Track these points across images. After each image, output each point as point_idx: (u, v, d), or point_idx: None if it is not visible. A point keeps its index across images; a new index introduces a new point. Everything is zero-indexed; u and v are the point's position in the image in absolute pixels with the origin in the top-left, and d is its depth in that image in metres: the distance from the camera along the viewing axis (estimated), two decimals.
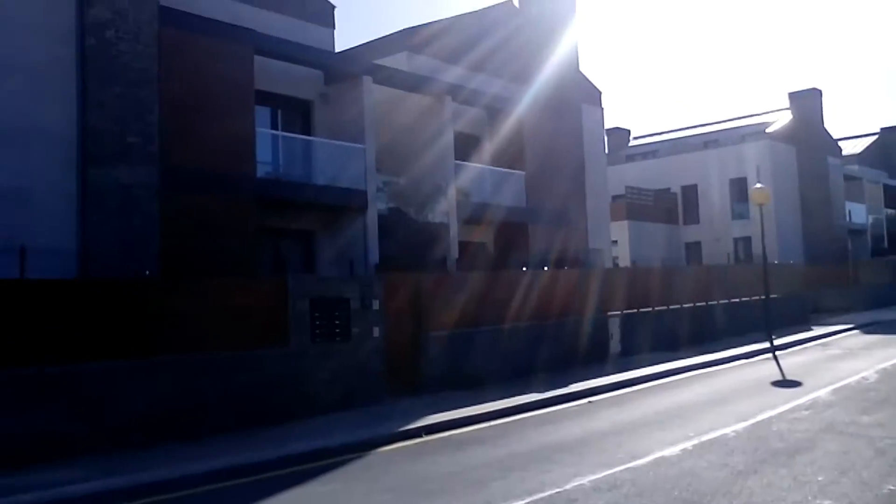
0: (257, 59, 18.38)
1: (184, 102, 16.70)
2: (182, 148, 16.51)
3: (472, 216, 23.42)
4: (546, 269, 21.00)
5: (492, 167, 25.35)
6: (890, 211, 54.88)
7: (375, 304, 15.07)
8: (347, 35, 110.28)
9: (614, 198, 41.33)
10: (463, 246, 23.00)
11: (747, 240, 41.50)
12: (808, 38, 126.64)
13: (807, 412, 13.06)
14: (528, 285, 19.21)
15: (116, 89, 15.34)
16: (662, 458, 10.27)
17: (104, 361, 11.55)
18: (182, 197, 16.31)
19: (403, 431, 12.44)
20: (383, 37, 25.42)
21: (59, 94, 15.72)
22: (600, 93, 32.96)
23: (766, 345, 22.90)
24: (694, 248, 44.47)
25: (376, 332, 15.06)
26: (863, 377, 16.92)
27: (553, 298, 19.71)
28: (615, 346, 21.62)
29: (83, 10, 15.97)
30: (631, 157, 51.36)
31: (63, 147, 15.60)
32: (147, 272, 14.71)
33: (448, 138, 22.82)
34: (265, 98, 19.51)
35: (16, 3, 15.55)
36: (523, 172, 25.34)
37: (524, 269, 20.73)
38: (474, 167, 24.58)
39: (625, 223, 39.34)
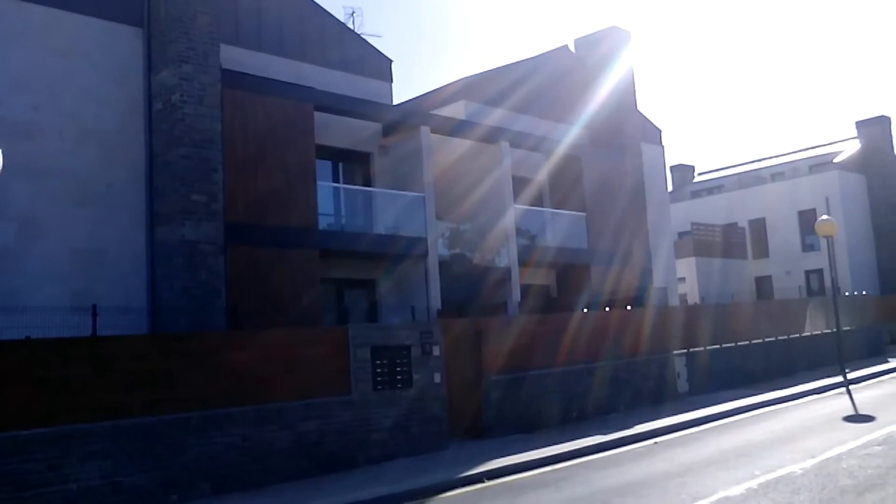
0: (317, 114, 18.93)
1: (247, 160, 17.32)
2: (246, 204, 17.11)
3: (534, 259, 23.50)
4: (608, 309, 20.93)
5: (552, 209, 25.49)
6: None
7: (436, 350, 15.24)
8: (406, 87, 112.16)
9: (680, 234, 40.98)
10: (525, 289, 23.08)
11: (819, 272, 40.64)
12: (873, 65, 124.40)
13: (879, 448, 12.76)
14: (590, 326, 19.20)
15: (182, 150, 16.00)
16: (726, 497, 10.17)
17: (175, 413, 11.94)
18: (247, 251, 16.86)
19: (465, 477, 12.52)
20: (440, 87, 25.91)
21: (128, 158, 16.61)
22: (660, 131, 32.87)
23: (839, 379, 22.38)
24: (764, 283, 43.67)
25: (437, 377, 15.21)
26: None
27: (616, 339, 19.63)
28: (682, 385, 21.38)
29: (150, 77, 16.85)
30: (696, 193, 50.88)
31: (133, 208, 16.43)
32: (214, 325, 15.23)
33: (507, 183, 23.05)
34: (326, 152, 20.06)
35: (90, 76, 16.55)
36: (584, 213, 25.40)
37: (586, 310, 20.72)
38: (534, 210, 24.76)
39: (692, 260, 38.89)
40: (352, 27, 24.90)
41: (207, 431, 12.19)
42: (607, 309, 21.08)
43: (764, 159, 53.94)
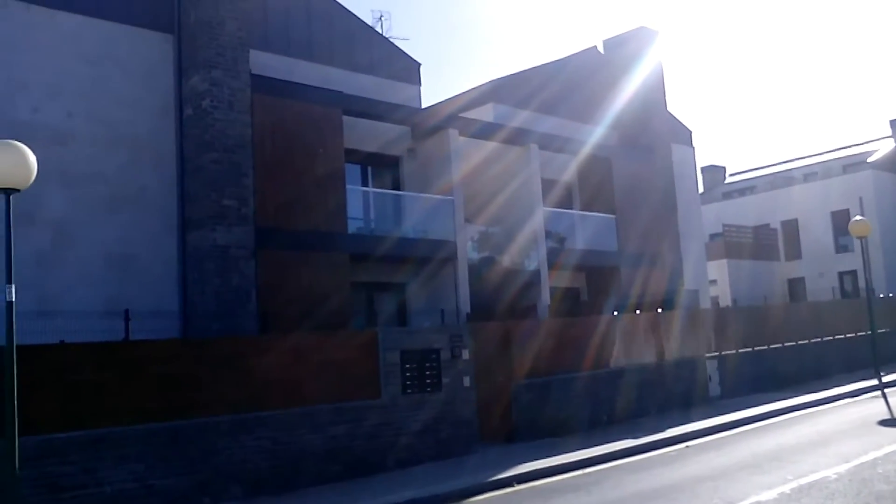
0: (346, 118, 19.00)
1: (277, 164, 17.42)
2: (276, 208, 17.21)
3: (564, 261, 23.43)
4: (639, 311, 20.81)
5: (581, 212, 25.40)
6: None
7: (465, 354, 15.24)
8: (434, 90, 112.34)
9: (712, 236, 40.68)
10: (555, 291, 23.02)
11: (853, 273, 40.18)
12: None
13: None
14: (621, 329, 19.11)
15: (213, 155, 16.12)
16: (758, 502, 10.13)
17: (206, 417, 12.03)
18: (277, 255, 16.96)
19: (494, 481, 12.51)
20: (468, 90, 25.89)
21: (159, 163, 16.79)
22: (690, 132, 32.62)
23: (874, 382, 22.12)
24: (797, 284, 43.22)
25: (467, 381, 15.21)
26: None
27: (646, 341, 19.52)
28: (714, 388, 21.22)
29: (181, 83, 17.02)
30: (728, 195, 50.49)
31: (164, 213, 16.61)
32: (245, 329, 15.34)
33: (536, 185, 23.00)
34: (355, 156, 20.11)
35: (121, 82, 16.75)
36: (613, 216, 25.28)
37: (616, 312, 20.62)
38: (563, 212, 24.68)
39: (724, 262, 38.60)
40: (380, 30, 25.00)
41: (238, 435, 12.28)
42: (637, 311, 20.94)
43: (796, 159, 53.43)
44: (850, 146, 50.63)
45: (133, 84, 16.90)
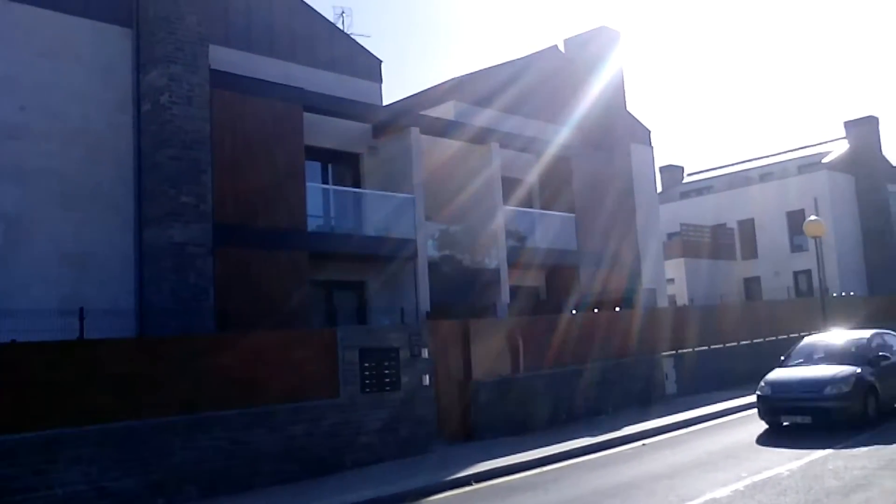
0: (306, 115, 18.91)
1: (236, 161, 17.28)
2: (235, 205, 17.07)
3: (523, 260, 23.52)
4: (597, 310, 20.97)
5: (541, 210, 25.51)
6: None
7: (425, 353, 15.25)
8: (396, 88, 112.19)
9: (670, 235, 41.02)
10: (514, 290, 23.09)
11: (807, 273, 40.76)
12: (862, 65, 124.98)
13: (865, 449, 12.87)
14: (579, 328, 19.24)
15: (170, 151, 15.94)
16: (713, 499, 10.25)
17: (161, 417, 11.90)
18: (235, 253, 16.82)
19: (453, 480, 12.54)
20: (430, 88, 25.90)
21: (116, 159, 16.55)
22: (650, 132, 32.92)
23: None
24: (753, 283, 43.78)
25: (426, 380, 15.21)
26: None
27: (605, 340, 19.67)
28: (671, 386, 21.45)
29: (139, 78, 16.79)
30: (685, 194, 50.97)
31: (121, 209, 16.39)
32: (203, 327, 15.20)
33: (497, 184, 23.04)
34: (315, 153, 20.02)
35: (77, 76, 16.48)
36: (573, 215, 25.42)
37: (574, 311, 20.75)
38: (524, 211, 24.77)
39: (681, 261, 38.95)
40: (341, 27, 24.87)
41: (194, 434, 12.17)
42: (596, 310, 21.10)
43: (753, 160, 54.07)
44: (805, 147, 51.32)
45: (90, 78, 16.63)
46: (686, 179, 56.33)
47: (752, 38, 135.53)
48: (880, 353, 16.09)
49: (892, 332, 17.81)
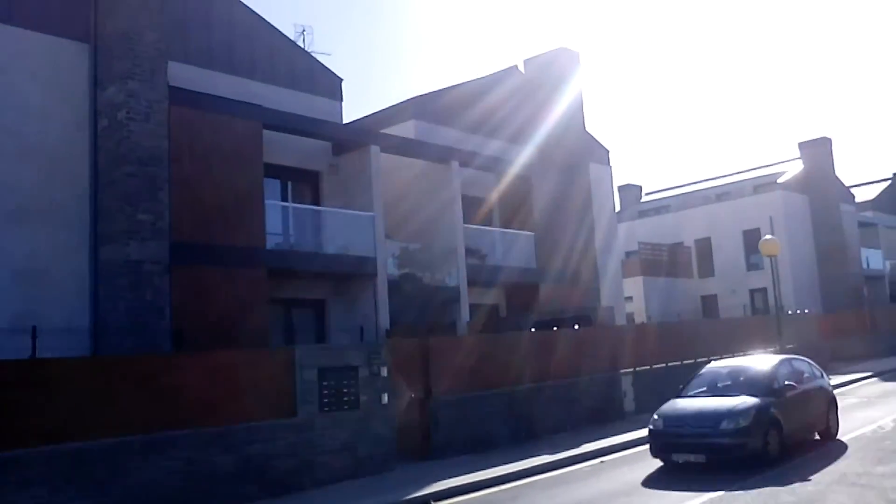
0: (266, 132, 18.86)
1: (194, 178, 17.15)
2: (193, 223, 16.93)
3: (483, 279, 23.62)
4: (556, 328, 21.07)
5: (501, 229, 25.65)
6: None
7: (384, 371, 15.18)
8: (356, 106, 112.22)
9: (628, 254, 41.38)
10: (474, 308, 23.15)
11: (763, 290, 41.27)
12: (815, 87, 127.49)
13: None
14: (539, 346, 19.31)
15: (128, 168, 15.74)
16: None
17: (115, 437, 11.71)
18: (193, 271, 16.67)
19: (411, 499, 12.51)
20: (390, 106, 25.97)
21: (72, 175, 16.33)
22: (608, 151, 33.28)
23: None
24: (710, 301, 44.26)
25: (385, 398, 15.13)
26: (879, 426, 16.83)
27: (564, 358, 19.75)
28: (629, 403, 21.55)
29: (96, 94, 16.57)
30: (644, 213, 51.50)
31: (76, 226, 16.15)
32: (159, 346, 15.00)
33: (457, 202, 23.15)
34: (274, 170, 19.96)
35: (33, 92, 16.28)
36: (532, 233, 25.59)
37: (534, 329, 20.82)
38: (484, 230, 24.90)
39: (639, 279, 39.33)
40: (302, 45, 24.89)
41: (149, 456, 11.98)
42: (555, 328, 21.20)
43: (710, 179, 54.82)
44: (760, 167, 52.11)
45: (45, 94, 16.44)
46: (644, 198, 56.96)
47: (708, 61, 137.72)
48: (787, 383, 14.59)
49: (803, 359, 16.82)
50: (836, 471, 12.41)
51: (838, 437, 15.51)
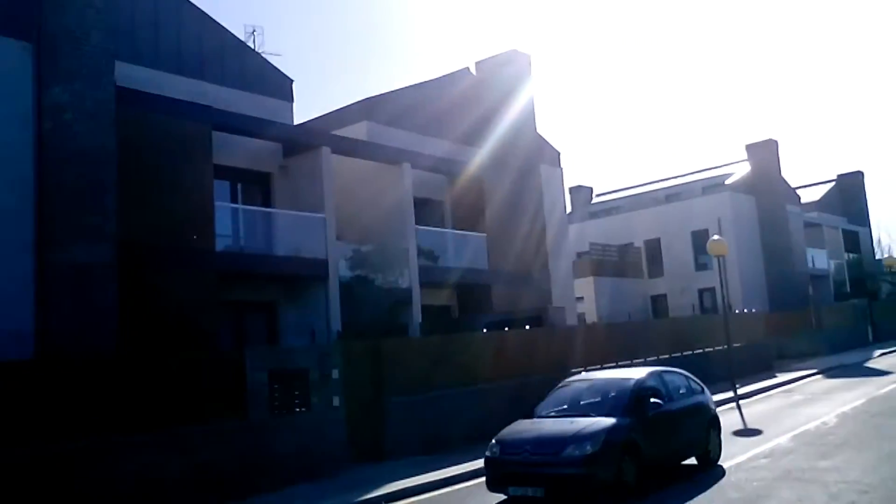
0: (216, 134, 18.68)
1: (142, 180, 16.90)
2: (141, 225, 16.68)
3: (435, 280, 23.65)
4: (508, 329, 21.16)
5: (453, 231, 25.70)
6: (851, 255, 55.76)
7: (335, 373, 15.15)
8: (308, 107, 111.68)
9: (579, 254, 41.71)
10: (426, 309, 23.17)
11: (711, 290, 41.87)
12: (762, 91, 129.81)
13: (765, 460, 13.23)
14: (491, 347, 19.38)
15: (74, 170, 15.49)
16: None
17: (62, 444, 11.52)
18: (141, 273, 16.45)
19: (364, 501, 12.48)
20: (342, 107, 25.88)
21: (16, 178, 15.93)
22: (559, 153, 33.52)
23: (730, 394, 23.10)
24: (660, 301, 44.85)
25: (336, 401, 15.10)
26: (823, 422, 17.20)
27: (516, 358, 19.85)
28: None
29: (41, 94, 16.25)
30: (594, 214, 51.97)
31: (21, 230, 15.76)
32: (106, 350, 14.78)
33: (409, 204, 23.16)
34: (224, 172, 19.79)
35: None
36: (484, 235, 25.68)
37: (486, 330, 20.90)
38: (436, 231, 24.94)
39: (590, 279, 39.68)
40: (252, 46, 24.72)
41: (99, 462, 11.82)
42: (507, 329, 21.30)
43: (659, 181, 55.53)
44: (709, 169, 52.93)
45: None
46: (595, 200, 57.51)
47: (657, 64, 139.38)
48: (652, 400, 12.46)
49: (680, 372, 14.88)
50: (779, 468, 12.64)
51: (721, 462, 13.60)
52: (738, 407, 21.46)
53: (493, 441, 12.18)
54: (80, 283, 15.19)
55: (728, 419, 19.23)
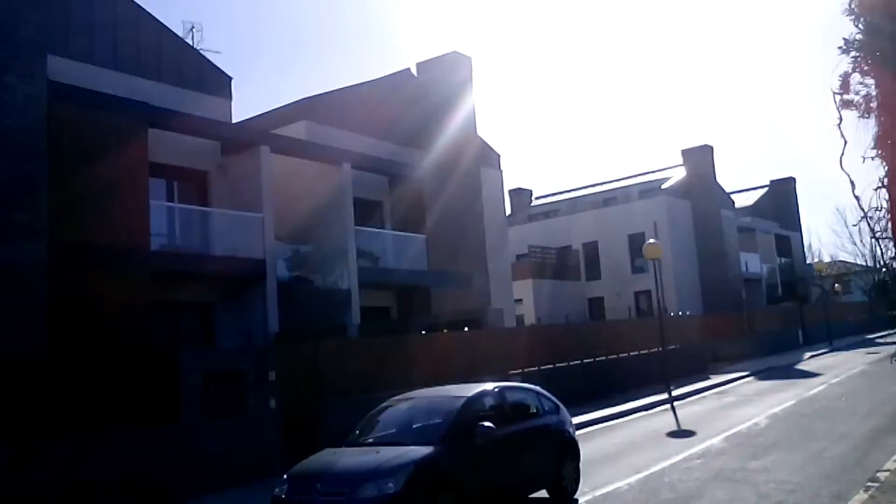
0: (152, 131, 18.33)
1: (75, 177, 16.49)
2: (73, 223, 16.27)
3: (374, 281, 23.56)
4: (446, 331, 21.19)
5: (393, 232, 25.63)
6: (783, 260, 57.04)
7: (271, 376, 14.99)
8: (246, 106, 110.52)
9: (518, 257, 42.00)
10: (366, 311, 23.06)
11: (647, 293, 42.48)
12: (698, 97, 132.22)
13: (698, 461, 13.45)
14: (428, 348, 19.40)
15: (3, 166, 15.05)
16: None
17: None
18: (73, 273, 16.03)
19: None
20: (281, 106, 25.64)
21: None
22: (499, 156, 33.69)
23: (665, 396, 23.49)
24: (597, 304, 45.36)
25: (272, 403, 14.96)
26: (754, 423, 17.56)
27: (453, 360, 19.89)
28: None
29: None
30: (534, 217, 52.37)
31: None
32: (36, 352, 14.38)
33: (348, 205, 23.02)
34: (160, 170, 19.43)
35: None
36: (424, 236, 25.66)
37: (424, 332, 20.89)
38: (375, 232, 24.85)
39: (529, 282, 39.94)
40: (191, 42, 24.32)
41: (24, 466, 11.50)
42: (445, 331, 21.33)
43: (598, 184, 56.19)
44: (646, 173, 53.72)
45: None
46: (534, 203, 57.94)
47: (597, 70, 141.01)
48: (483, 424, 10.21)
49: (529, 388, 12.93)
50: (711, 468, 12.85)
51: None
52: (673, 408, 21.82)
53: (285, 476, 10.03)
54: (9, 284, 14.75)
55: (663, 421, 19.58)
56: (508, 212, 43.73)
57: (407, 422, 11.09)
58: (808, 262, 63.04)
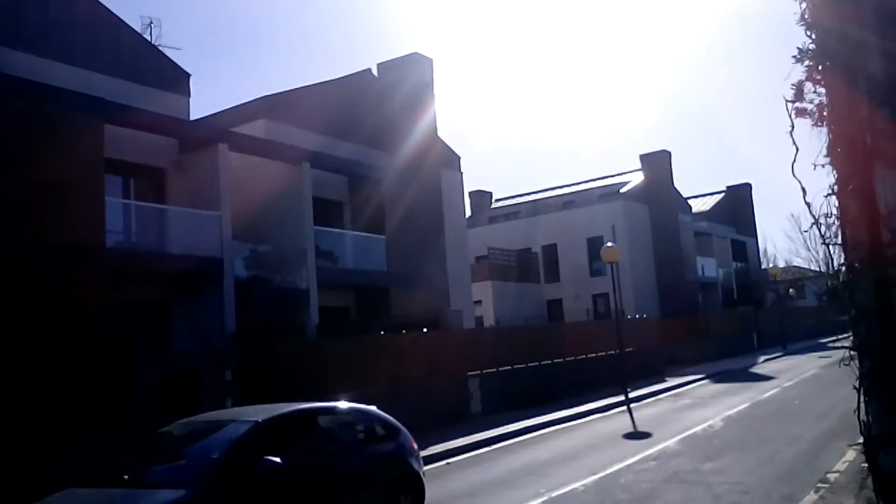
0: (108, 127, 18.03)
1: (27, 173, 16.16)
2: (25, 219, 15.94)
3: (333, 281, 23.44)
4: (404, 331, 21.15)
5: (353, 232, 25.53)
6: (738, 264, 57.79)
7: (227, 375, 14.87)
8: (205, 103, 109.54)
9: (478, 259, 42.06)
10: (324, 311, 22.93)
11: (605, 296, 42.75)
12: (657, 103, 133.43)
13: (654, 463, 13.53)
14: (387, 349, 19.32)
15: None
16: None
17: None
18: (24, 271, 15.70)
19: None
20: (241, 104, 25.42)
21: None
22: (459, 158, 33.72)
23: (622, 398, 23.64)
24: (555, 306, 45.56)
25: (229, 403, 14.81)
26: (709, 425, 17.71)
27: (412, 361, 19.85)
28: (476, 405, 21.87)
29: None
30: (494, 219, 52.50)
31: None
32: None
33: (307, 204, 22.88)
34: (116, 167, 19.14)
35: None
36: (384, 237, 25.60)
37: (382, 332, 20.83)
38: (335, 232, 24.74)
39: (488, 283, 40.04)
40: (149, 38, 24.03)
41: None
42: (404, 331, 21.28)
43: (558, 188, 56.52)
44: (605, 178, 54.16)
45: None
46: (494, 205, 58.11)
47: (558, 73, 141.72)
48: (268, 459, 7.68)
49: (362, 408, 10.52)
50: (667, 470, 12.95)
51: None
52: (630, 410, 21.96)
53: None
54: None
55: (620, 423, 19.69)
56: (468, 214, 43.80)
57: (175, 453, 8.93)
58: (763, 266, 63.96)
